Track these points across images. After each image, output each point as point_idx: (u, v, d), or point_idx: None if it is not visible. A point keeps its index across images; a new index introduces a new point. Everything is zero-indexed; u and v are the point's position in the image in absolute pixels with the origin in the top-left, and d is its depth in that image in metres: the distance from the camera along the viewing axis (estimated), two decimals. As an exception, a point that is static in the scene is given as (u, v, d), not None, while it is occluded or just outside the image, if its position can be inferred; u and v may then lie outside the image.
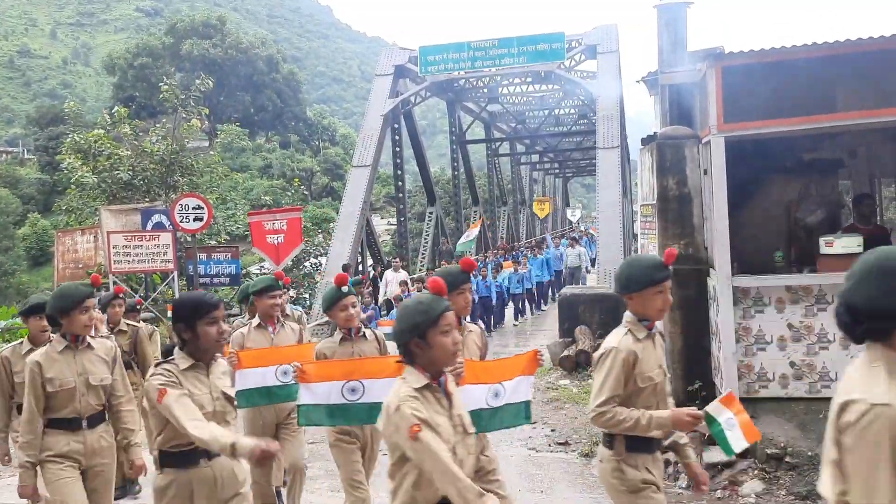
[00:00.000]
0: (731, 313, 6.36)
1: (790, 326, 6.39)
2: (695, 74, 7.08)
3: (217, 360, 3.63)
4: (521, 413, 4.10)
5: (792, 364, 6.38)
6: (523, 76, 24.32)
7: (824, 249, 6.59)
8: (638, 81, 8.50)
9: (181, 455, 3.39)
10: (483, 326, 15.86)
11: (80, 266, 15.12)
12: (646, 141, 7.57)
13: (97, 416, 4.34)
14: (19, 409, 4.64)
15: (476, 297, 16.02)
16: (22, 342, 5.22)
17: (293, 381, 4.49)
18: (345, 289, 4.77)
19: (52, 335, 4.55)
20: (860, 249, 6.44)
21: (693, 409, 3.37)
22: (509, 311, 18.41)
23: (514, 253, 23.71)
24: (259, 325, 5.41)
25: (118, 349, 4.67)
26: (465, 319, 4.30)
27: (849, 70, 6.27)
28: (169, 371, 3.34)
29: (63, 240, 15.66)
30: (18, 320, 19.39)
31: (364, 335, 4.89)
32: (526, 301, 18.80)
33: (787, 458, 5.80)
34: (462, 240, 21.94)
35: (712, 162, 6.40)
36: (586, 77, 22.28)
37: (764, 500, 5.63)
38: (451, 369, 3.72)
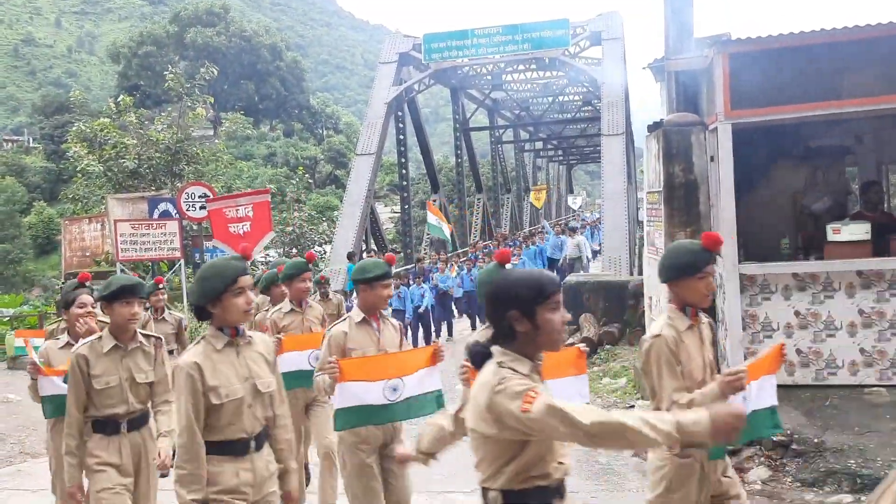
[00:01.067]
0: (737, 300, 6.37)
1: (797, 314, 6.39)
2: (702, 61, 7.06)
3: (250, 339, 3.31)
4: (431, 402, 4.01)
5: (798, 351, 6.39)
6: (527, 63, 24.25)
7: (831, 237, 6.58)
8: (644, 68, 8.47)
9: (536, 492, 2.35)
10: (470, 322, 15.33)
11: (88, 254, 15.19)
12: (652, 128, 7.55)
13: (262, 436, 3.28)
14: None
15: (462, 292, 15.72)
16: (101, 337, 3.99)
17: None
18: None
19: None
20: (867, 236, 6.44)
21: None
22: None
23: (507, 243, 22.63)
24: (292, 309, 5.47)
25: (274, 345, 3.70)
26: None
27: (856, 56, 6.25)
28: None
29: (70, 228, 15.72)
30: (27, 308, 19.54)
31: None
32: None
33: (794, 445, 5.82)
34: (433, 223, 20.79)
35: (719, 149, 6.40)
36: (591, 64, 22.21)
37: (770, 486, 5.66)
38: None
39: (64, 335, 4.88)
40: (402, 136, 24.27)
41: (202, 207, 12.07)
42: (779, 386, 6.28)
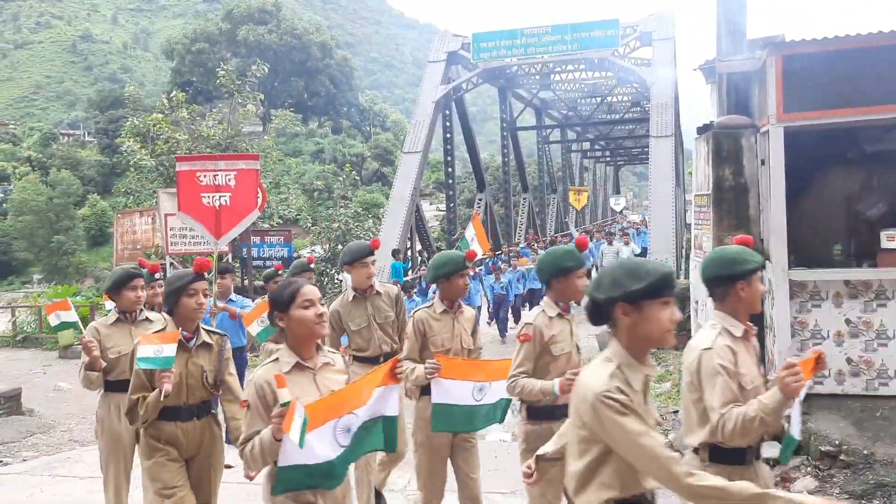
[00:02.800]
0: (786, 307, 6.24)
1: (848, 322, 6.24)
2: (754, 63, 6.93)
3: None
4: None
5: (849, 360, 6.24)
6: (576, 63, 24.06)
7: (885, 244, 6.41)
8: (695, 70, 8.35)
9: None
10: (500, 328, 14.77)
11: (139, 247, 15.53)
12: (702, 130, 7.44)
13: None
14: None
15: (490, 298, 14.99)
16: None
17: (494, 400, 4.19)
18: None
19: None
20: (923, 244, 6.26)
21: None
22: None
23: (526, 249, 20.71)
24: (355, 298, 5.12)
25: None
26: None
27: (916, 59, 6.07)
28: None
29: (122, 221, 16.09)
30: (80, 298, 20.06)
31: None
32: (525, 303, 16.34)
33: (842, 457, 5.68)
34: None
35: (770, 152, 6.27)
36: (641, 64, 21.95)
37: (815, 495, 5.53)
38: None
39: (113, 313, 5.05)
40: (448, 135, 24.30)
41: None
42: (828, 395, 6.17)
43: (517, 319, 14.81)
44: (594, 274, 18.90)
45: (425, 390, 4.39)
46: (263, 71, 19.08)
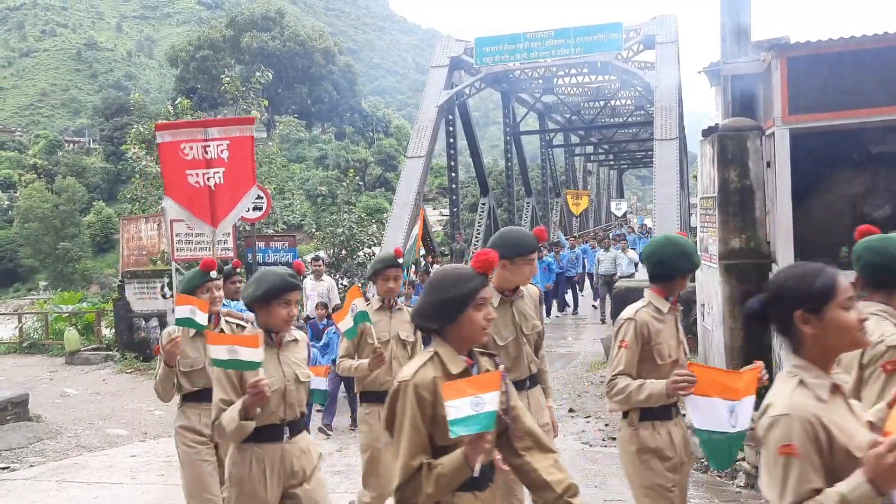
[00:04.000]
0: (793, 309, 6.21)
1: (855, 323, 6.22)
2: (758, 65, 6.93)
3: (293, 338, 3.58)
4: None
5: (860, 366, 6.22)
6: (579, 67, 24.06)
7: (892, 245, 6.39)
8: (699, 72, 8.36)
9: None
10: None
11: (144, 253, 15.54)
12: (707, 132, 7.44)
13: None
14: None
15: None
16: None
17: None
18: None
19: None
20: (931, 245, 6.23)
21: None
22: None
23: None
24: (381, 307, 4.87)
25: None
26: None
27: (922, 60, 6.07)
28: None
29: (128, 227, 16.11)
30: (86, 305, 20.13)
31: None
32: None
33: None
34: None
35: (776, 154, 6.27)
36: (644, 67, 21.95)
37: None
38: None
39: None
40: (452, 140, 24.32)
41: (255, 208, 12.23)
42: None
43: None
44: (591, 281, 18.42)
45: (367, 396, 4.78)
46: (267, 77, 19.11)
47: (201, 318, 4.17)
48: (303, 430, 3.55)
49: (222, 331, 4.33)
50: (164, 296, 14.34)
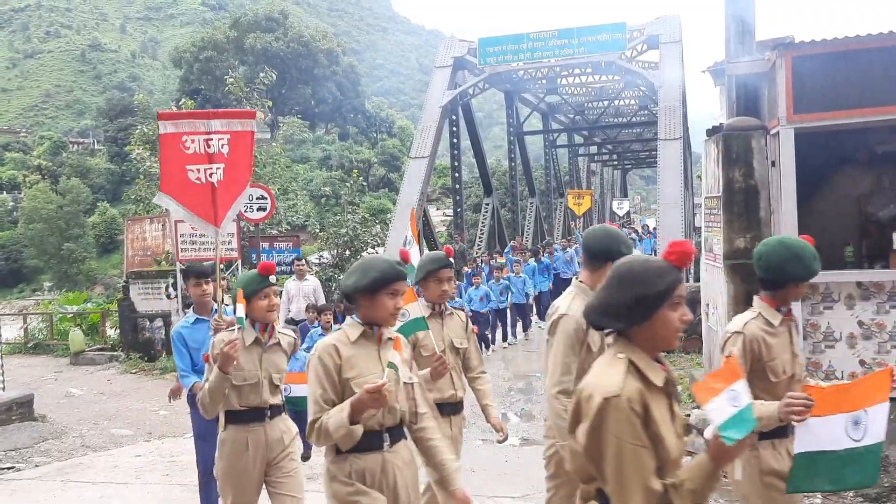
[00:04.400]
0: (798, 309, 6.21)
1: (860, 324, 6.21)
2: (763, 64, 6.92)
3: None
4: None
5: (862, 362, 6.21)
6: (583, 67, 24.06)
7: (898, 245, 6.39)
8: (703, 71, 8.34)
9: None
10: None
11: (149, 253, 15.59)
12: (711, 132, 7.42)
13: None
14: None
15: (469, 311, 12.47)
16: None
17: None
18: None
19: None
20: (936, 245, 6.23)
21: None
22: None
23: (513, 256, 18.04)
24: (431, 314, 4.30)
25: None
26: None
27: (927, 59, 6.05)
28: None
29: (132, 228, 16.16)
30: (90, 305, 20.16)
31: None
32: (516, 318, 14.95)
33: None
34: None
35: (781, 154, 6.26)
36: (648, 67, 21.94)
37: (831, 501, 5.50)
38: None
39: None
40: (455, 140, 24.33)
41: (260, 209, 12.28)
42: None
43: (486, 343, 13.21)
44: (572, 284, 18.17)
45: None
46: (271, 78, 19.19)
47: (417, 310, 3.83)
48: (403, 438, 3.17)
49: (278, 343, 4.10)
50: (168, 296, 14.38)
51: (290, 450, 4.03)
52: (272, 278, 3.99)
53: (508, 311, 14.24)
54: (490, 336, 13.75)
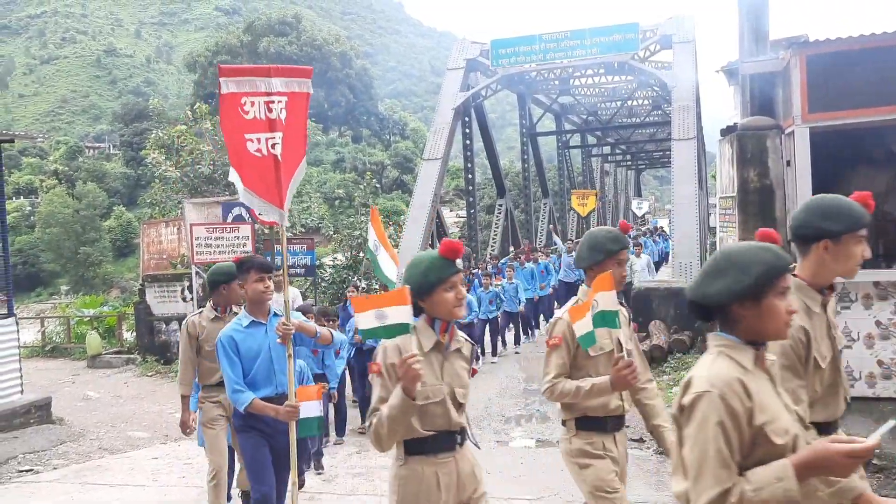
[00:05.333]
0: (814, 309, 6.16)
1: (878, 324, 6.16)
2: (777, 63, 6.89)
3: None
4: None
5: (880, 363, 6.16)
6: (596, 68, 23.99)
7: (915, 244, 6.33)
8: (717, 71, 8.31)
9: None
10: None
11: (165, 257, 15.68)
12: (725, 132, 7.40)
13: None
14: None
15: (475, 319, 12.34)
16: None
17: None
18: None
19: None
20: (954, 244, 6.17)
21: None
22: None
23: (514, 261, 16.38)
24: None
25: None
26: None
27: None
28: None
29: (148, 231, 16.26)
30: (107, 309, 20.33)
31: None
32: (507, 327, 14.19)
33: (874, 461, 5.60)
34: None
35: (796, 153, 6.22)
36: (661, 67, 21.85)
37: (848, 501, 5.45)
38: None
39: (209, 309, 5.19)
40: (468, 141, 24.32)
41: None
42: (859, 398, 6.08)
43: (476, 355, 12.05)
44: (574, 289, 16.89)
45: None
46: (285, 81, 19.21)
47: (403, 315, 2.85)
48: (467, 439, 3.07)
49: (459, 349, 3.12)
50: (184, 299, 14.46)
51: (483, 489, 3.14)
52: (458, 262, 3.04)
53: (499, 319, 13.27)
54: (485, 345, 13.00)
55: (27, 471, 7.81)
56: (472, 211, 24.90)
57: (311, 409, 4.41)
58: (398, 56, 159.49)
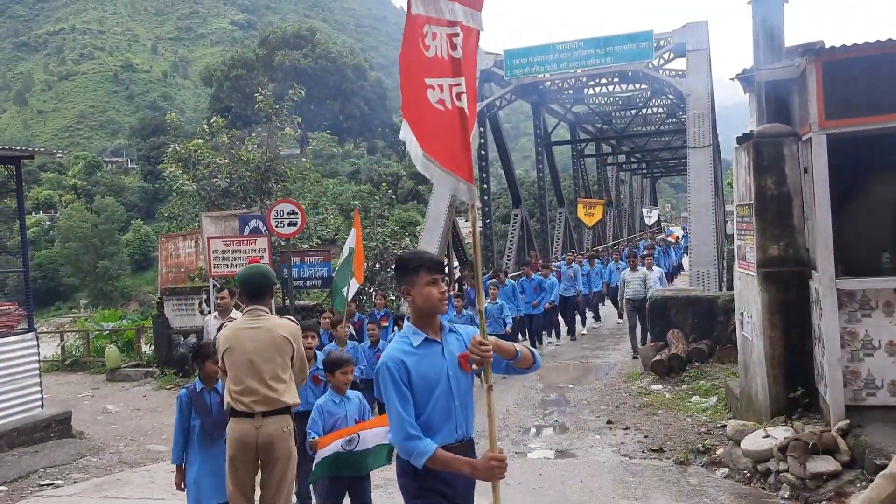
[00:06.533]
0: (835, 317, 6.11)
1: (900, 331, 6.09)
2: (793, 70, 6.85)
3: None
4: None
5: (902, 371, 6.08)
6: (610, 76, 23.97)
7: (936, 250, 6.26)
8: (732, 79, 8.28)
9: None
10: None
11: (182, 270, 15.77)
12: (742, 139, 7.36)
13: None
14: None
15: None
16: None
17: None
18: None
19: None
20: (977, 250, 6.09)
21: None
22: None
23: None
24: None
25: None
26: None
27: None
28: None
29: (166, 245, 16.37)
30: (125, 322, 20.46)
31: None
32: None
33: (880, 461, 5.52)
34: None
35: (813, 160, 6.17)
36: (676, 75, 21.80)
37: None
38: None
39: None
40: (483, 152, 24.36)
41: (290, 224, 12.36)
42: (881, 407, 6.00)
43: None
44: (621, 301, 14.92)
45: None
46: (300, 95, 19.35)
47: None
48: None
49: None
50: (202, 312, 14.53)
51: None
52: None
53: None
54: None
55: (48, 485, 7.86)
56: (488, 221, 24.92)
57: (379, 437, 4.47)
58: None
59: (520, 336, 13.99)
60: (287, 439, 4.59)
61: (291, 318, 4.90)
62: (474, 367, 3.13)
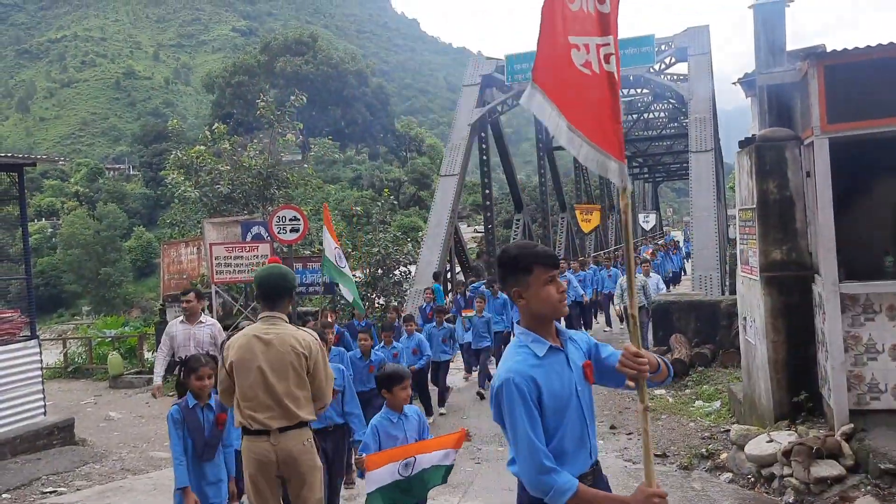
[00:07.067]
0: (838, 321, 6.09)
1: (903, 335, 6.07)
2: (794, 74, 6.85)
3: None
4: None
5: (906, 374, 6.06)
6: (611, 81, 24.00)
7: (940, 253, 6.24)
8: (734, 83, 8.28)
9: None
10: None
11: (185, 276, 15.78)
12: (744, 143, 7.35)
13: None
14: None
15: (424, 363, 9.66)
16: None
17: None
18: None
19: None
20: (980, 253, 6.08)
21: None
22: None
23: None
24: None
25: None
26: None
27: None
28: None
29: (168, 251, 16.38)
30: (128, 329, 20.47)
31: None
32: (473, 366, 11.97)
33: (884, 465, 5.50)
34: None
35: (816, 164, 6.17)
36: (677, 80, 21.83)
37: None
38: None
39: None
40: (485, 157, 24.40)
41: (293, 230, 12.36)
42: (885, 411, 5.99)
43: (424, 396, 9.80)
44: (612, 307, 15.43)
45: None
46: (302, 101, 19.37)
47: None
48: None
49: None
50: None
51: None
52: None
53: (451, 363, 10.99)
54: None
55: (51, 492, 7.85)
56: (490, 226, 24.93)
57: (447, 456, 4.19)
58: (414, 73, 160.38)
59: (503, 346, 11.81)
60: (309, 452, 4.31)
61: (309, 330, 4.53)
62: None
